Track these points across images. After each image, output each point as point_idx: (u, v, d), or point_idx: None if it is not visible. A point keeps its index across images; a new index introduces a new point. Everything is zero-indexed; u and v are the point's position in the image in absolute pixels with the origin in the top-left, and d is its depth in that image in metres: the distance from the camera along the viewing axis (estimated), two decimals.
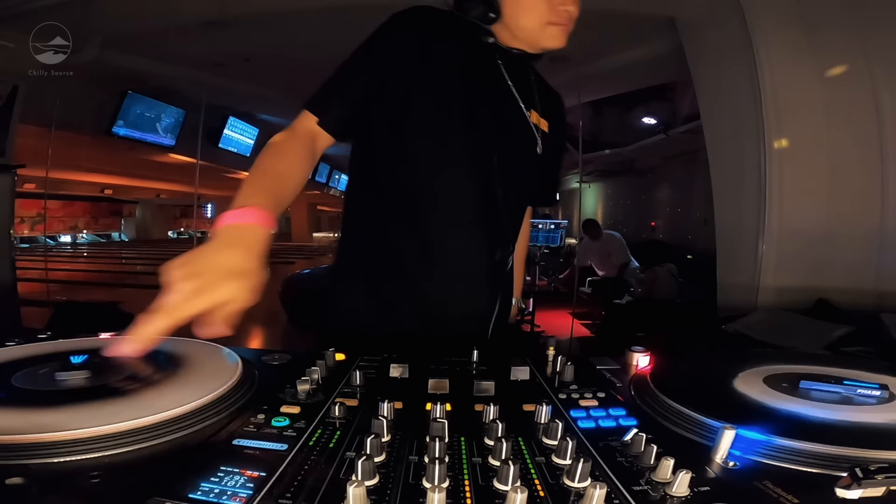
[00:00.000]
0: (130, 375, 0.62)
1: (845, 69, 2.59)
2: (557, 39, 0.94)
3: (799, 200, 2.71)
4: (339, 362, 0.73)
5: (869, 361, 0.77)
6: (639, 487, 0.42)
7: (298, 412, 0.56)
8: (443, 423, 0.50)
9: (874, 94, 2.56)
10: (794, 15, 2.62)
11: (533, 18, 0.92)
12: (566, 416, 0.58)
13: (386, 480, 0.43)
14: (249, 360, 0.70)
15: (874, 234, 2.64)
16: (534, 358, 0.76)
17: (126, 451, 0.46)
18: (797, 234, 2.70)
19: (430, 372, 0.69)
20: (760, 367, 0.71)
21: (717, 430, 0.48)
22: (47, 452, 0.44)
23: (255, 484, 0.41)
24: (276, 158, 0.86)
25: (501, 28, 0.95)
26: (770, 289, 2.75)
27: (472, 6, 0.93)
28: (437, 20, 0.95)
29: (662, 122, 7.15)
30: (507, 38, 0.97)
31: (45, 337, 0.78)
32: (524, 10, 0.92)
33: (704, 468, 0.45)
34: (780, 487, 0.42)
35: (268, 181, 0.81)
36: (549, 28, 0.92)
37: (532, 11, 0.91)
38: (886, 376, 0.67)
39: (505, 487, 0.41)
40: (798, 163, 2.71)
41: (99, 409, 0.51)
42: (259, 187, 0.79)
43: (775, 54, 2.66)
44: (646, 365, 0.75)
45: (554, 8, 0.91)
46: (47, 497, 0.39)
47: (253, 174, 0.82)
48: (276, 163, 0.85)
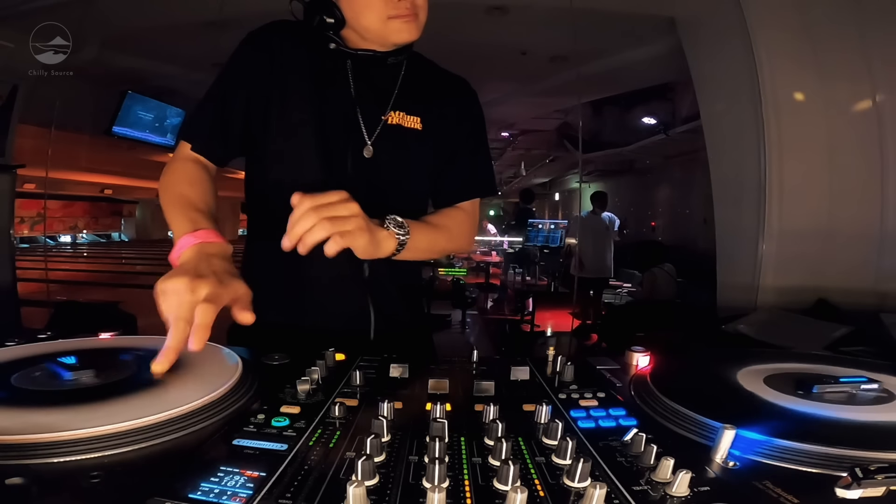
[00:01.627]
0: (130, 375, 0.62)
1: (845, 69, 2.59)
2: (404, 33, 0.92)
3: (799, 200, 2.71)
4: (339, 362, 0.73)
5: (869, 361, 0.77)
6: (639, 487, 0.42)
7: (298, 412, 0.56)
8: (443, 423, 0.50)
9: (874, 94, 2.56)
10: (794, 15, 2.62)
11: (372, 16, 0.90)
12: (566, 416, 0.58)
13: (386, 480, 0.43)
14: (249, 360, 0.70)
15: (874, 234, 2.64)
16: (533, 358, 0.76)
17: (126, 451, 0.46)
18: (797, 234, 2.70)
19: (430, 372, 0.70)
20: (760, 367, 0.71)
21: (717, 430, 0.48)
22: (47, 452, 0.44)
23: (255, 484, 0.41)
24: (186, 186, 0.88)
25: (349, 31, 0.95)
26: (770, 289, 2.75)
27: (312, 14, 0.94)
28: (288, 32, 0.97)
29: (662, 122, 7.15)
30: (356, 41, 0.96)
31: (45, 337, 0.78)
32: (360, 9, 0.91)
33: (704, 468, 0.45)
34: (780, 487, 0.42)
35: (195, 207, 0.84)
36: (393, 23, 0.91)
37: (368, 10, 0.90)
38: (886, 376, 0.67)
39: (505, 487, 0.41)
40: (798, 163, 2.70)
41: (99, 409, 0.51)
42: (193, 213, 0.82)
43: (775, 54, 2.66)
44: (646, 365, 0.75)
45: (392, 2, 0.89)
46: (47, 497, 0.39)
47: (176, 205, 0.84)
48: (189, 189, 0.88)
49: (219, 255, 0.74)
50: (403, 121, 1.01)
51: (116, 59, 4.57)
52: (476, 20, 3.73)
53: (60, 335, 0.79)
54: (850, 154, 2.64)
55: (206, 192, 0.89)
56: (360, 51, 0.97)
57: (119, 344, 0.75)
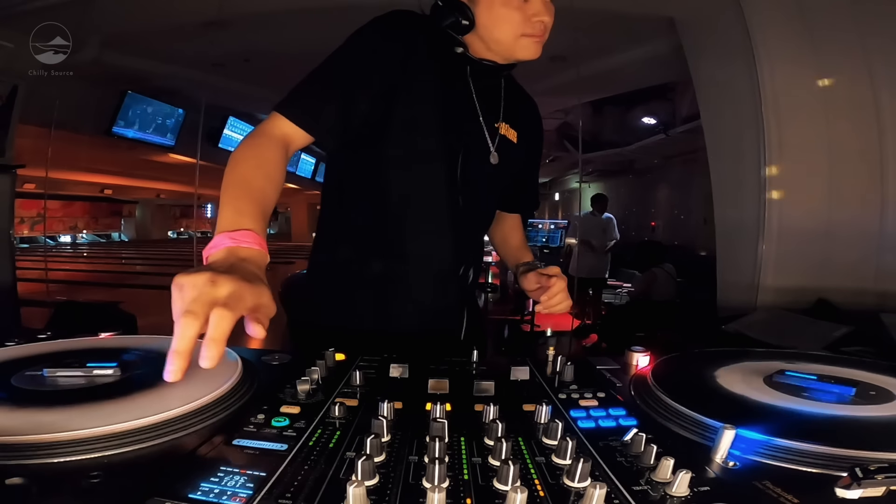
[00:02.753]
0: (130, 375, 0.62)
1: (845, 69, 2.59)
2: (531, 51, 0.93)
3: (799, 200, 2.71)
4: (339, 362, 0.73)
5: (869, 361, 0.77)
6: (639, 487, 0.42)
7: (298, 412, 0.56)
8: (443, 423, 0.50)
9: (874, 93, 2.56)
10: (794, 14, 2.62)
11: (507, 30, 0.90)
12: (566, 416, 0.58)
13: (386, 480, 0.43)
14: (249, 360, 0.70)
15: (874, 234, 2.64)
16: (534, 358, 0.76)
17: (126, 451, 0.46)
18: (797, 233, 2.70)
19: (430, 372, 0.69)
20: (760, 367, 0.71)
21: (717, 430, 0.48)
22: (47, 452, 0.44)
23: (255, 484, 0.41)
24: (256, 171, 0.79)
25: (475, 38, 0.94)
26: (770, 288, 2.75)
27: (446, 15, 0.91)
28: (417, 27, 0.94)
29: (662, 122, 7.15)
30: (479, 49, 0.96)
31: (45, 337, 0.78)
32: (499, 21, 0.90)
33: (704, 468, 0.45)
34: (780, 487, 0.42)
35: (253, 200, 0.75)
36: (523, 40, 0.91)
37: (507, 23, 0.90)
38: (886, 376, 0.67)
39: (505, 487, 0.41)
40: (798, 162, 2.71)
41: (99, 409, 0.51)
42: (247, 207, 0.73)
43: (775, 54, 2.66)
44: (646, 365, 0.75)
45: (529, 20, 0.89)
46: (47, 497, 0.39)
47: (232, 188, 0.75)
48: (256, 176, 0.78)
49: (252, 261, 0.66)
50: (508, 132, 1.04)
51: (116, 59, 4.58)
52: None
53: (60, 335, 0.79)
54: (850, 154, 2.64)
55: (271, 182, 0.79)
56: (483, 60, 0.97)
57: (119, 344, 0.75)
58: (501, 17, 0.90)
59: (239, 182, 0.76)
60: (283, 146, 0.85)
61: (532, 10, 0.89)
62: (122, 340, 0.78)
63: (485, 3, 0.90)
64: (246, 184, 0.77)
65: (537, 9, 0.89)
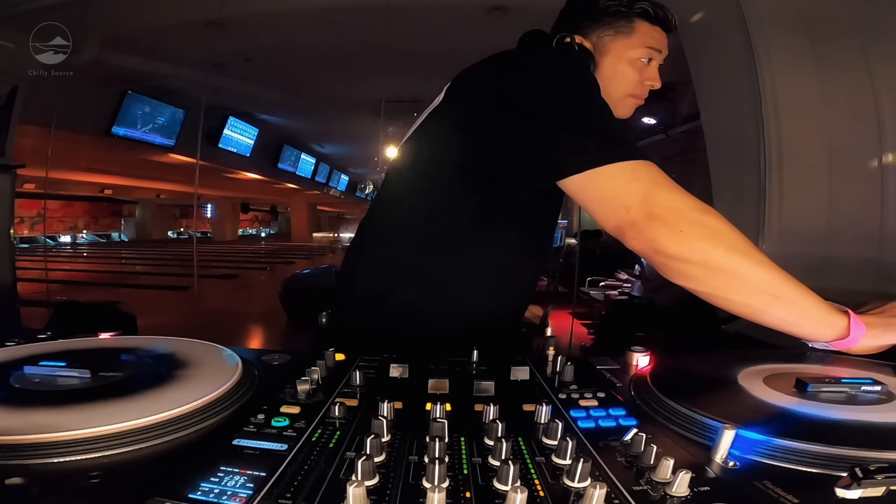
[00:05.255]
0: (130, 375, 0.62)
1: (845, 69, 2.59)
2: (629, 111, 0.95)
3: (799, 200, 2.71)
4: (339, 362, 0.73)
5: (869, 361, 0.77)
6: (639, 487, 0.42)
7: (298, 412, 0.56)
8: (443, 423, 0.50)
9: (874, 94, 2.56)
10: (795, 15, 2.62)
11: (622, 88, 0.92)
12: (566, 416, 0.58)
13: (386, 480, 0.43)
14: (249, 360, 0.70)
15: (874, 234, 2.64)
16: (533, 358, 0.76)
17: (126, 451, 0.46)
18: (797, 234, 2.70)
19: (430, 372, 0.69)
20: (760, 367, 0.71)
21: (717, 430, 0.48)
22: (47, 452, 0.44)
23: (255, 484, 0.41)
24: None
25: None
26: None
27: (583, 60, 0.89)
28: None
29: (662, 122, 7.15)
30: None
31: (45, 337, 0.78)
32: (619, 77, 0.91)
33: (704, 468, 0.45)
34: (780, 487, 0.42)
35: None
36: (629, 100, 0.93)
37: (625, 81, 0.91)
38: (886, 376, 0.67)
39: (505, 487, 0.41)
40: (798, 163, 2.71)
41: (99, 409, 0.51)
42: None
43: (775, 54, 2.66)
44: (646, 365, 0.75)
45: (642, 83, 0.91)
46: (47, 497, 0.39)
47: (783, 273, 0.81)
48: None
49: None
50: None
51: (116, 59, 4.58)
52: (476, 20, 3.73)
53: (60, 335, 0.79)
54: (850, 154, 2.64)
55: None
56: None
57: (119, 344, 0.75)
58: (623, 74, 0.91)
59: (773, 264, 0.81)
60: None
61: (650, 74, 0.91)
62: (121, 340, 0.78)
63: (613, 57, 0.91)
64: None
65: (654, 74, 0.91)
